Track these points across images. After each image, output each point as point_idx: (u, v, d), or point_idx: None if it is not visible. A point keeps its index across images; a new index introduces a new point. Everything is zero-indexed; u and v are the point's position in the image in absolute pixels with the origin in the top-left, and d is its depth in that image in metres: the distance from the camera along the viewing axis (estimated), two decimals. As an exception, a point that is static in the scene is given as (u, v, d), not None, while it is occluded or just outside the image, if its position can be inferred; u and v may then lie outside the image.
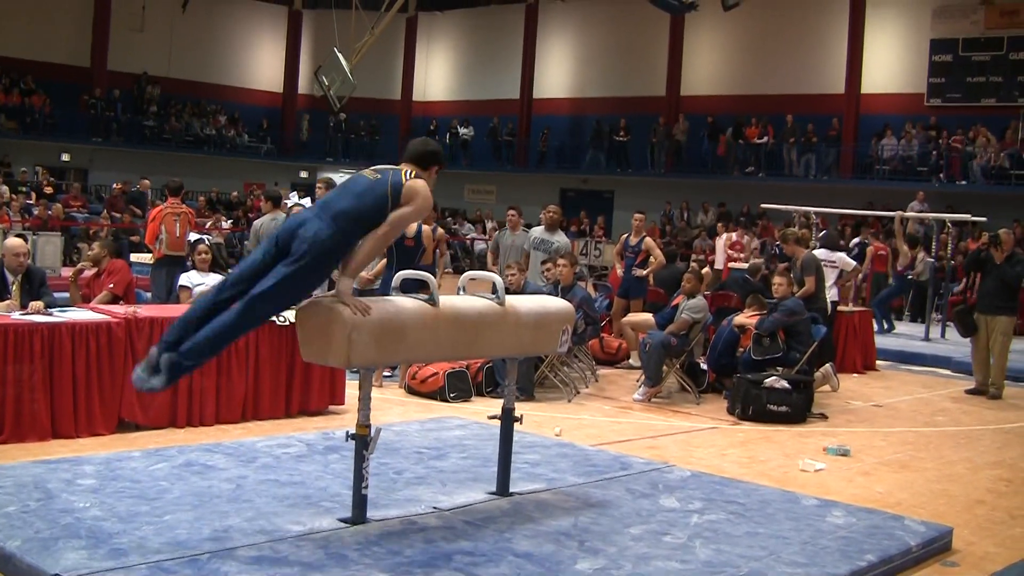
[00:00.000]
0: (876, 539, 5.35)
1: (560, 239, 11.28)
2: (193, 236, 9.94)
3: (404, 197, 4.82)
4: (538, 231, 11.48)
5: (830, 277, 11.98)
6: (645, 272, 12.36)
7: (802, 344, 9.74)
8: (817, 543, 5.21)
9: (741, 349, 10.11)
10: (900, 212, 16.14)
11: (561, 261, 10.35)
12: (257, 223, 10.87)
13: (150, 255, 11.45)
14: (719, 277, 15.64)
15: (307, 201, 11.10)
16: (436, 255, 10.53)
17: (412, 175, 4.92)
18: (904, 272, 16.78)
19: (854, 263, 13.59)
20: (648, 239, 12.58)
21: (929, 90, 25.57)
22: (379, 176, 4.91)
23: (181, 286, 9.40)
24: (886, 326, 16.01)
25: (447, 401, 9.20)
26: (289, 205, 10.49)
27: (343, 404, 8.42)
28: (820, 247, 12.95)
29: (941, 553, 5.54)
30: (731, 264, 17.20)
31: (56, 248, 16.05)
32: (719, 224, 20.08)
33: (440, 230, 11.49)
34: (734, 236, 18.36)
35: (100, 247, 9.52)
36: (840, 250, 13.37)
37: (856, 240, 19.05)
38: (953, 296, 16.90)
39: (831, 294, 11.91)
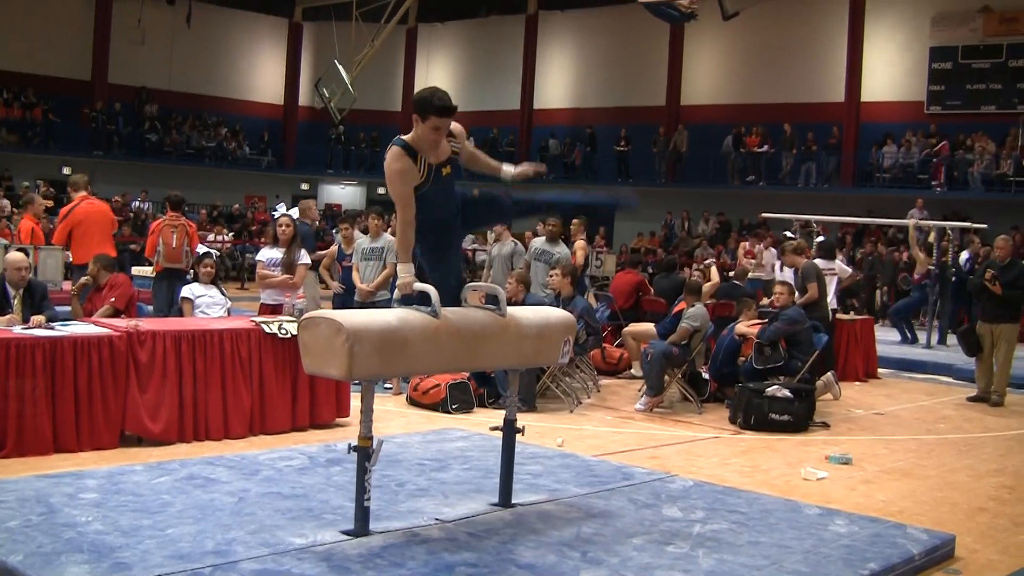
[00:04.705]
0: (879, 547, 5.34)
1: (561, 250, 11.30)
2: (201, 249, 9.93)
3: None
4: (539, 242, 11.52)
5: (830, 285, 11.96)
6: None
7: (804, 353, 9.74)
8: (820, 552, 5.20)
9: (743, 358, 10.12)
10: (913, 220, 15.85)
11: (557, 272, 10.40)
12: None
13: (151, 268, 11.46)
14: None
15: (295, 212, 11.04)
16: None
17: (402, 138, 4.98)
18: (921, 281, 16.31)
19: (850, 270, 13.60)
20: (577, 242, 12.61)
21: (929, 98, 25.63)
22: None
23: (183, 298, 9.39)
24: (909, 335, 15.95)
25: (449, 412, 9.20)
26: (276, 216, 10.48)
27: (348, 416, 8.41)
28: (817, 257, 12.92)
29: (944, 561, 5.53)
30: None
31: (57, 262, 16.02)
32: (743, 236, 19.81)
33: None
34: (747, 245, 18.29)
35: (94, 264, 9.45)
36: (835, 258, 13.33)
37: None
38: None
39: (831, 302, 11.89)
